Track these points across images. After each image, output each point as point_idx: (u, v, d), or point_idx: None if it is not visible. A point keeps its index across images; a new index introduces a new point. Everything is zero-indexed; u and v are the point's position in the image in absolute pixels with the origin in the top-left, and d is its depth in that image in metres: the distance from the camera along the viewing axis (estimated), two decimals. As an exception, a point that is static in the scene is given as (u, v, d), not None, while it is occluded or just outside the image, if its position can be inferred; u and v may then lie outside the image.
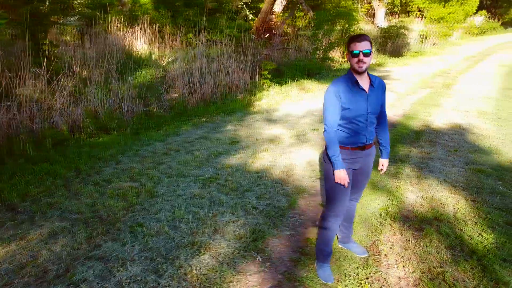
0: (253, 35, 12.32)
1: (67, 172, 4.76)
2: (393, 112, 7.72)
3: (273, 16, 16.67)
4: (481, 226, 3.60)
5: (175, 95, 8.96)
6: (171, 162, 5.12)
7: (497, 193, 4.26)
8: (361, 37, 2.48)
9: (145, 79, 9.21)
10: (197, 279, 2.84)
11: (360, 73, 2.52)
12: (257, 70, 10.62)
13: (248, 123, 7.01)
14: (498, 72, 12.78)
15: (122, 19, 11.24)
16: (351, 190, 2.91)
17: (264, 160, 5.22)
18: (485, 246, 3.30)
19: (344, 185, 2.65)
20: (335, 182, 2.66)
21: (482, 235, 3.45)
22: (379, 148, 2.93)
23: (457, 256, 3.16)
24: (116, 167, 4.94)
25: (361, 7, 21.38)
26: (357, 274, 2.95)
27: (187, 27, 12.88)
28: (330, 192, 2.77)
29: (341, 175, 2.63)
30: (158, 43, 11.83)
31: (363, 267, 3.04)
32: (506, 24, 35.22)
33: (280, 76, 11.00)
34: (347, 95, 2.54)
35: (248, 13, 17.75)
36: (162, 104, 8.25)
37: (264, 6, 15.29)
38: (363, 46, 2.45)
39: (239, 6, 17.06)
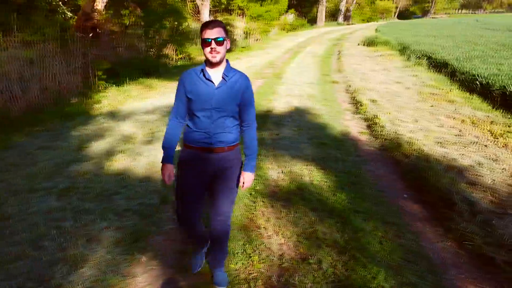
0: (80, 34, 11.32)
1: None
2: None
3: (96, 14, 15.58)
4: (334, 188, 4.20)
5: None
6: (13, 178, 4.39)
7: (339, 160, 5.01)
8: (213, 23, 2.22)
9: None
10: (83, 294, 2.57)
11: (214, 64, 2.28)
12: (90, 71, 9.82)
13: (94, 126, 6.48)
14: (314, 62, 14.78)
15: None
16: (212, 200, 2.53)
17: (123, 161, 4.94)
18: (340, 203, 3.87)
19: (165, 180, 2.44)
20: (178, 182, 2.48)
21: (336, 195, 4.03)
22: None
23: (322, 216, 3.63)
24: None
25: (184, 6, 21.74)
26: (245, 250, 3.12)
27: (-10, 26, 11.04)
28: (176, 188, 2.53)
29: (162, 170, 2.46)
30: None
31: (248, 243, 3.22)
32: (311, 21, 40.91)
33: (116, 76, 10.40)
34: (191, 84, 2.31)
35: (66, 10, 16.16)
36: (-25, 118, 6.94)
37: (84, 3, 14.16)
38: (216, 33, 2.19)
39: (55, 3, 15.38)
